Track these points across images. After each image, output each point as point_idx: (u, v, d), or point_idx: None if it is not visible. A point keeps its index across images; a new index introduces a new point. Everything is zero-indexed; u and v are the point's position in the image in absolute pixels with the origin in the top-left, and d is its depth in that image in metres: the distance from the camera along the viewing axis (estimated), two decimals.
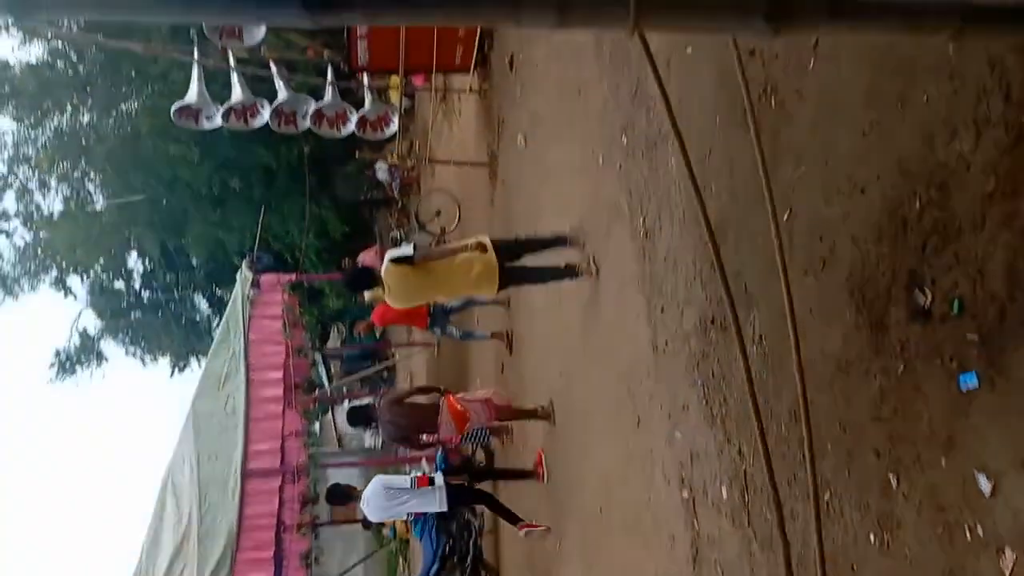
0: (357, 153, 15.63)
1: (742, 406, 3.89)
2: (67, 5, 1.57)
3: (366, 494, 7.62)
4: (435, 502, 7.46)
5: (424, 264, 6.11)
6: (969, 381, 2.43)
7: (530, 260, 6.49)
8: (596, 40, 6.11)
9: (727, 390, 4.05)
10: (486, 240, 6.19)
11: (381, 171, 16.26)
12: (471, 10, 1.59)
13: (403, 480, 7.74)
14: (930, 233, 2.62)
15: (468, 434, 8.14)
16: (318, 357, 18.89)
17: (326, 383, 20.75)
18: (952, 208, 2.54)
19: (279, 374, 10.58)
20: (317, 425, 20.82)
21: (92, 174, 22.83)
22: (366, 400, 11.99)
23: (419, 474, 7.88)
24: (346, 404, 18.77)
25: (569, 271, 6.33)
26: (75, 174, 22.99)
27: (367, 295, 9.20)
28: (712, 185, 4.09)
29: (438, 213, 13.55)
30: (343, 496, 8.30)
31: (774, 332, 3.58)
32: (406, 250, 6.16)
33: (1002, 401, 2.34)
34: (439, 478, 7.64)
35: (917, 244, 2.67)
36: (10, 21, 18.43)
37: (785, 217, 3.38)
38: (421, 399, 7.87)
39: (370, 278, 6.60)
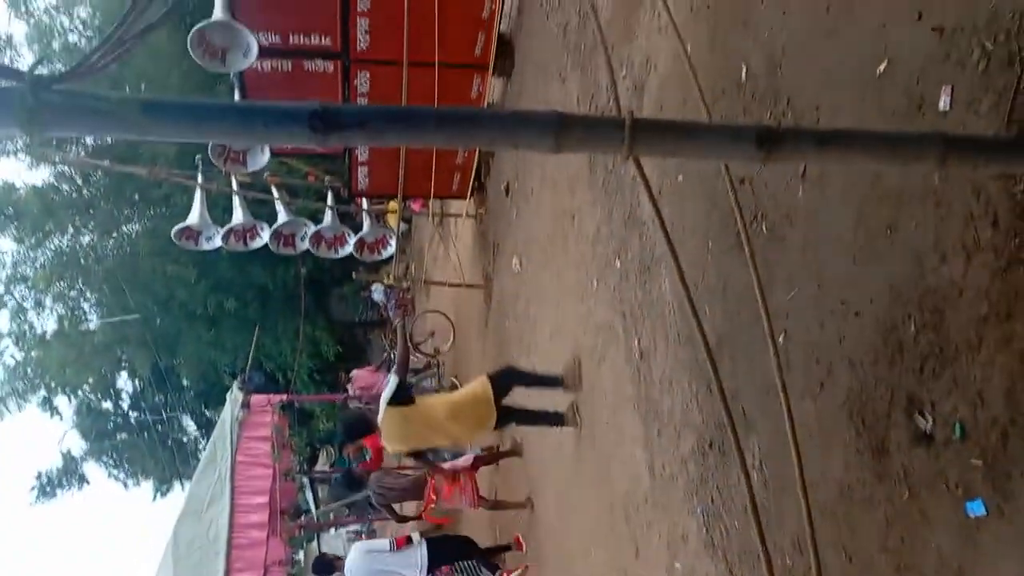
0: (354, 274, 15.81)
1: (744, 535, 3.77)
2: (78, 124, 1.61)
3: (348, 564, 7.53)
4: (416, 562, 7.33)
5: (421, 407, 6.11)
6: (976, 509, 2.37)
7: (521, 398, 6.58)
8: (590, 167, 6.29)
9: (728, 518, 3.93)
10: (485, 384, 6.27)
11: (377, 292, 16.39)
12: (471, 133, 1.63)
13: (383, 543, 7.79)
14: (927, 356, 2.62)
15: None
16: (305, 481, 18.42)
17: (313, 509, 20.13)
18: (947, 331, 2.54)
19: (265, 499, 10.24)
20: (302, 553, 20.06)
21: (88, 293, 22.95)
22: (335, 550, 11.93)
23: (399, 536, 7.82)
24: (332, 532, 18.10)
25: (557, 418, 6.46)
26: (71, 293, 23.10)
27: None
28: (706, 307, 4.12)
29: (432, 334, 13.57)
30: (328, 568, 8.27)
31: (774, 457, 3.51)
32: (393, 382, 6.09)
33: (1012, 529, 2.27)
34: (417, 535, 7.61)
35: (915, 367, 2.66)
36: (21, 143, 19.03)
37: (780, 339, 3.38)
38: (409, 471, 8.11)
39: (366, 426, 6.58)
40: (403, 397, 6.02)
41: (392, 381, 6.09)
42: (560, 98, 7.00)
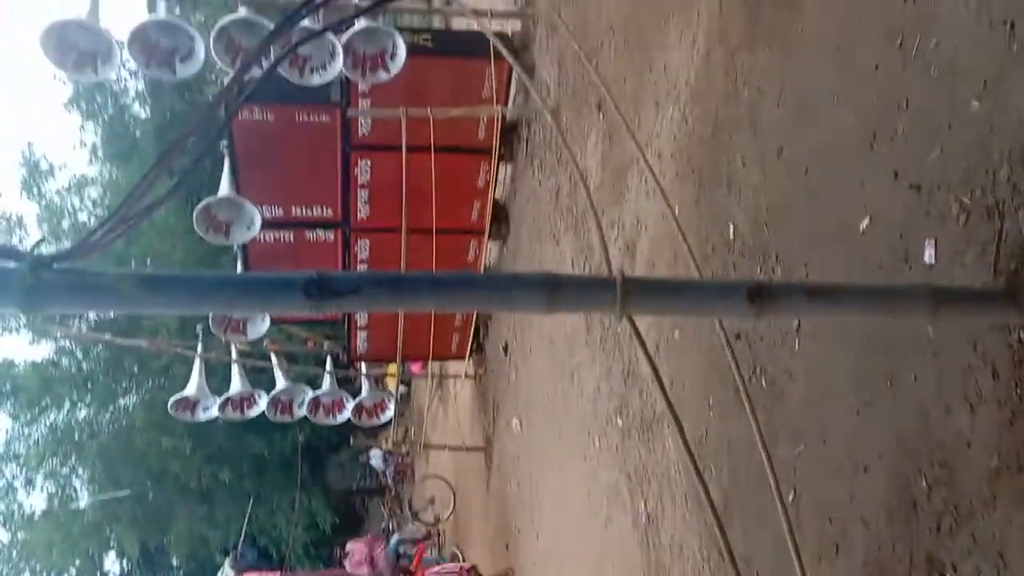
0: (351, 440, 15.55)
1: None
2: (77, 302, 1.62)
3: None
4: None
5: None
6: None
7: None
8: (587, 325, 6.34)
9: None
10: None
11: (375, 458, 16.09)
12: (465, 297, 1.65)
13: None
14: (942, 513, 2.52)
15: None
16: None
17: None
18: (960, 486, 2.46)
19: None
20: None
21: (81, 470, 22.44)
22: None
23: None
24: None
25: None
26: (63, 470, 22.58)
27: None
28: (711, 466, 4.02)
29: (432, 501, 13.16)
30: None
31: None
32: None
33: None
34: None
35: (931, 525, 2.56)
36: (21, 319, 19.25)
37: (790, 498, 3.27)
38: None
39: None
40: None
41: None
42: (555, 259, 7.17)
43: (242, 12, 6.37)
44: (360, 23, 6.47)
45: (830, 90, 3.16)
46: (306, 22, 5.71)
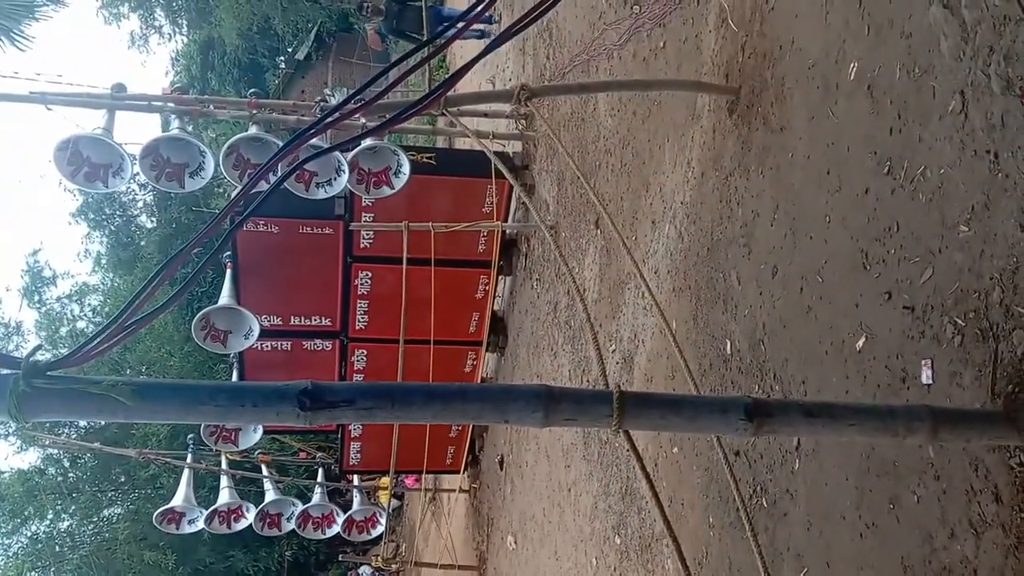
0: (340, 556, 15.05)
1: None
2: (69, 409, 1.61)
3: None
4: None
5: None
6: None
7: None
8: (584, 440, 6.25)
9: None
10: None
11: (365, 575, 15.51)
12: (460, 409, 1.64)
13: None
14: None
15: None
16: None
17: None
18: None
19: None
20: None
21: None
22: None
23: None
24: None
25: None
26: None
27: None
28: None
29: None
30: None
31: None
32: None
33: None
34: None
35: None
36: (11, 428, 18.95)
37: None
38: None
39: None
40: None
41: None
42: (552, 372, 7.14)
43: (253, 130, 6.59)
44: (366, 142, 6.69)
45: (822, 212, 3.24)
46: (314, 140, 5.90)
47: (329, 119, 2.07)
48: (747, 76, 3.90)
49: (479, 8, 2.06)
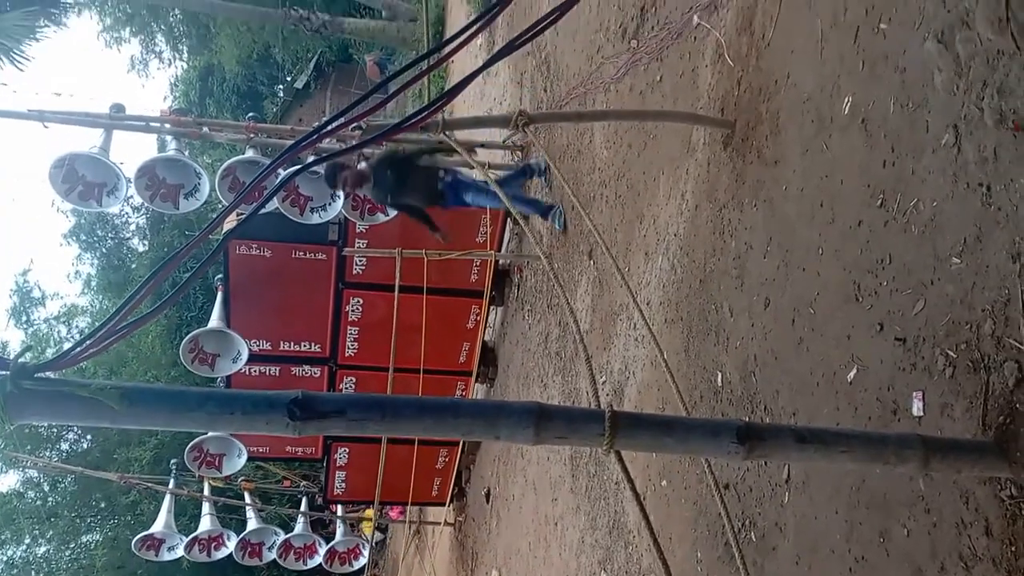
0: None
1: None
2: (56, 411, 1.59)
3: None
4: None
5: None
6: None
7: None
8: (572, 472, 6.20)
9: None
10: None
11: None
12: (452, 422, 1.63)
13: None
14: None
15: None
16: None
17: None
18: None
19: None
20: None
21: None
22: None
23: None
24: None
25: None
26: None
27: None
28: None
29: None
30: None
31: None
32: None
33: None
34: None
35: None
36: None
37: None
38: None
39: None
40: None
41: None
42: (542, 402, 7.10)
43: (249, 153, 6.62)
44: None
45: (815, 244, 3.26)
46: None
47: (316, 136, 2.06)
48: (742, 110, 3.94)
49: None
